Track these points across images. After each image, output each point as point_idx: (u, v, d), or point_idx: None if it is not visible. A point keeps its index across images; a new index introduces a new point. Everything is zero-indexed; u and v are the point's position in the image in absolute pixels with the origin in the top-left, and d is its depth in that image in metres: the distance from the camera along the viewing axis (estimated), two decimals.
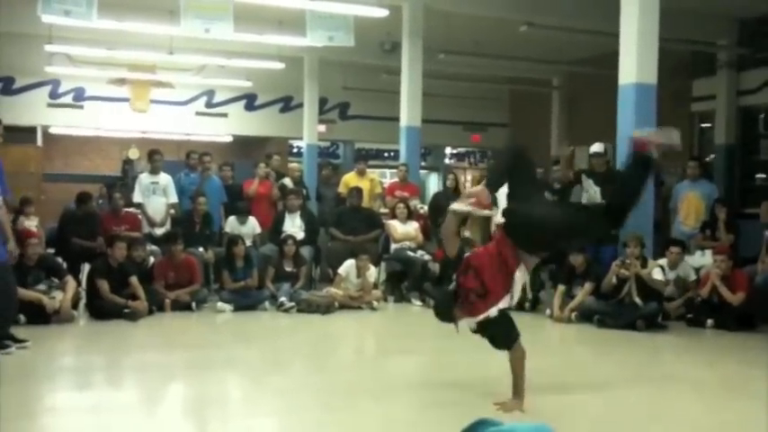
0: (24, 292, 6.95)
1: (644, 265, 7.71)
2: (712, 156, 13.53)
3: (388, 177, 18.79)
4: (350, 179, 10.97)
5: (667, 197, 10.26)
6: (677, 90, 13.12)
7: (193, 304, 8.38)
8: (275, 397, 4.94)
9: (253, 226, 9.76)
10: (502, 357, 4.83)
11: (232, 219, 9.77)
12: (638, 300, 7.62)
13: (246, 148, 19.44)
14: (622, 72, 8.19)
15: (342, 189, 10.92)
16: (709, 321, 7.78)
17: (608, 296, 7.84)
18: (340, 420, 4.44)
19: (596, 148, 8.78)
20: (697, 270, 8.38)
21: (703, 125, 14.30)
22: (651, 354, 6.92)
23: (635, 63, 8.01)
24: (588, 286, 7.96)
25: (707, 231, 9.08)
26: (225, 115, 17.80)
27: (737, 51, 12.85)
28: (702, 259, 8.69)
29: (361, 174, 11.02)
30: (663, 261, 8.16)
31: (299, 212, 9.85)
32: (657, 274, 7.74)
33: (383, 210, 10.91)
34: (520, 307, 8.63)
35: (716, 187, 10.08)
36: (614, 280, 7.77)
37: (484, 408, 4.67)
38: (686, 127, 14.10)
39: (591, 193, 8.52)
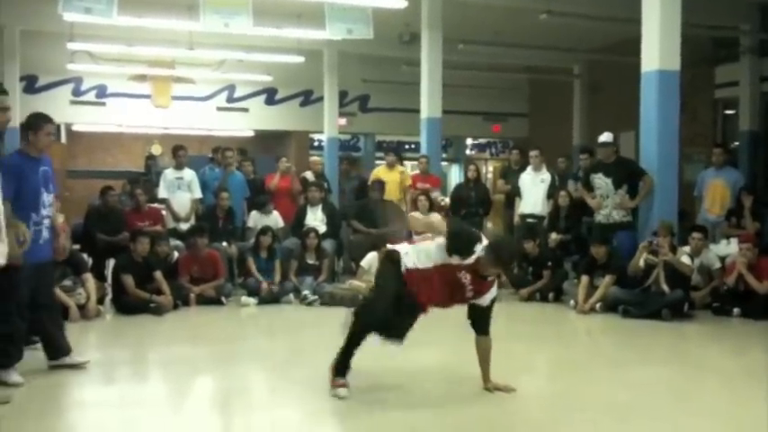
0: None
1: (673, 253, 7.66)
2: (736, 143, 13.37)
3: (410, 169, 18.78)
4: (380, 172, 10.93)
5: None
6: (700, 76, 12.97)
7: (223, 298, 8.44)
8: (300, 389, 4.95)
9: (275, 219, 9.79)
10: (522, 347, 4.82)
11: (255, 213, 9.82)
12: (665, 287, 7.56)
13: (268, 142, 19.50)
14: (645, 59, 8.11)
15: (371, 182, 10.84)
16: (736, 310, 7.71)
17: (633, 284, 7.79)
18: (364, 411, 4.45)
19: (604, 137, 8.65)
20: (723, 258, 8.30)
21: (727, 112, 14.13)
22: (677, 343, 6.87)
23: (657, 50, 7.93)
24: (609, 278, 7.91)
25: (732, 219, 8.98)
26: (246, 110, 17.88)
27: (760, 37, 12.68)
28: (728, 248, 8.59)
29: (391, 166, 10.96)
30: (686, 249, 8.09)
31: (320, 206, 9.86)
32: (685, 260, 7.69)
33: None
34: (543, 298, 8.66)
35: (741, 174, 9.96)
36: (641, 264, 7.71)
37: (503, 397, 4.68)
38: (710, 114, 13.97)
39: (603, 187, 8.44)
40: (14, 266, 4.77)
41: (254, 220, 9.77)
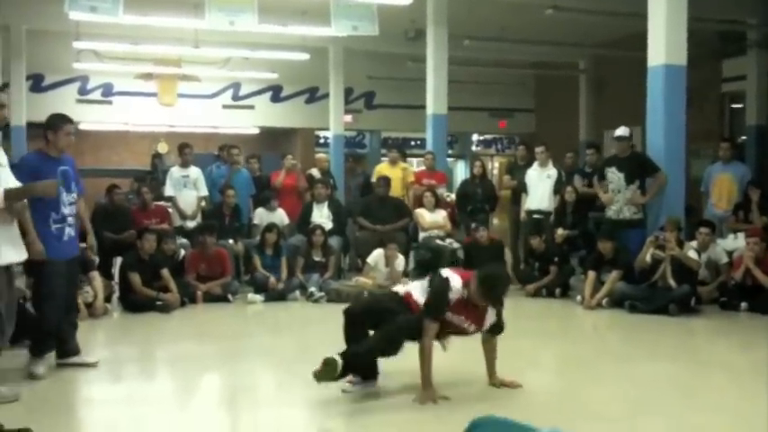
0: None
1: (680, 248, 7.64)
2: (744, 137, 13.32)
3: (415, 166, 18.80)
4: (382, 168, 10.95)
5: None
6: (707, 70, 12.92)
7: (230, 295, 8.46)
8: (306, 386, 4.94)
9: (281, 216, 9.81)
10: (529, 342, 4.81)
11: (261, 210, 9.85)
12: (672, 282, 7.54)
13: (273, 139, 19.51)
14: (651, 53, 8.08)
15: (375, 179, 10.86)
16: (743, 305, 7.69)
17: (640, 280, 7.77)
18: (370, 409, 4.46)
19: (620, 131, 8.51)
20: (730, 253, 8.27)
21: (734, 106, 14.08)
22: (684, 338, 6.85)
23: (664, 44, 7.90)
24: (616, 274, 7.89)
25: (739, 213, 8.95)
26: (251, 107, 17.89)
27: (767, 30, 12.62)
28: (735, 242, 8.57)
29: (393, 163, 10.97)
30: (693, 243, 8.07)
31: (326, 202, 9.88)
32: (692, 255, 7.68)
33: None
34: (550, 294, 8.65)
35: (748, 169, 9.93)
36: (648, 258, 7.69)
37: (510, 394, 4.68)
38: (717, 108, 13.93)
39: (615, 181, 8.34)
40: (42, 262, 4.91)
41: (260, 217, 9.79)
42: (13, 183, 4.66)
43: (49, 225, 5.08)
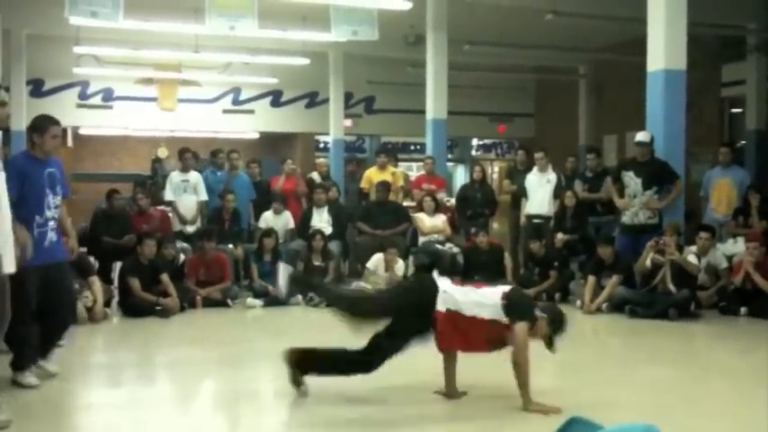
0: None
1: (680, 252, 7.64)
2: (743, 142, 13.33)
3: (415, 170, 18.80)
4: (372, 174, 10.95)
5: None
6: (706, 75, 12.93)
7: (229, 300, 8.46)
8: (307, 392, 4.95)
9: (287, 219, 9.81)
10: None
11: (267, 213, 9.83)
12: (672, 286, 7.53)
13: (274, 144, 19.52)
14: (651, 58, 8.09)
15: (364, 184, 10.84)
16: (743, 309, 7.69)
17: (640, 284, 7.77)
18: (370, 415, 4.45)
19: (641, 136, 8.25)
20: (730, 258, 8.27)
21: (734, 110, 14.10)
22: (684, 343, 6.85)
23: (663, 49, 7.91)
24: (616, 279, 7.90)
25: (739, 218, 8.95)
26: (251, 112, 17.91)
27: (766, 35, 12.63)
28: (735, 247, 8.57)
29: (383, 167, 10.97)
30: (693, 248, 8.07)
31: (326, 207, 9.88)
32: (692, 259, 7.68)
33: (408, 203, 10.89)
34: (550, 298, 8.64)
35: (747, 173, 9.93)
36: (648, 263, 7.68)
37: (512, 400, 4.67)
38: (716, 113, 13.94)
39: (632, 186, 8.23)
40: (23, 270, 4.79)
41: (266, 221, 9.77)
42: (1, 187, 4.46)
43: (32, 228, 4.88)
